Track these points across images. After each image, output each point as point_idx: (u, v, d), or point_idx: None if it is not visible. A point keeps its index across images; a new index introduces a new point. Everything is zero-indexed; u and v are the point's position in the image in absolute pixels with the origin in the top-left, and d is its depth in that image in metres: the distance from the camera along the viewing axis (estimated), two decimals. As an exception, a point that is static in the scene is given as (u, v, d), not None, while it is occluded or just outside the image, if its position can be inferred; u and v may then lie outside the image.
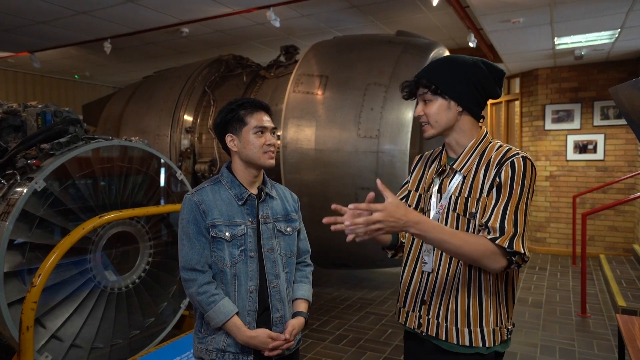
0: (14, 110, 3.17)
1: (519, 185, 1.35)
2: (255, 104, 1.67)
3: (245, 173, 1.67)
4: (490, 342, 1.40)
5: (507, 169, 1.37)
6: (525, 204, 1.35)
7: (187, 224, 1.60)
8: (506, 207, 1.34)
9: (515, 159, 1.37)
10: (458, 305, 1.42)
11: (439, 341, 1.44)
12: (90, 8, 4.76)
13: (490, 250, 1.30)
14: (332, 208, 1.35)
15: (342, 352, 3.58)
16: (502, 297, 1.44)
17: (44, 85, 8.31)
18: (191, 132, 5.30)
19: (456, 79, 1.43)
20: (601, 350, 3.59)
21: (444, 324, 1.43)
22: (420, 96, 1.49)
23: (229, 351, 1.59)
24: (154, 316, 3.23)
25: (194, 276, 1.59)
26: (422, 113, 1.48)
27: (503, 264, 1.32)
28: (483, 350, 1.41)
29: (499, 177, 1.37)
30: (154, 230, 3.29)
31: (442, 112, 1.45)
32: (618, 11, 4.37)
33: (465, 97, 1.44)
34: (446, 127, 1.47)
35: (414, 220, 1.24)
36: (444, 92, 1.44)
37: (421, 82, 1.46)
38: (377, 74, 4.16)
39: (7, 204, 2.60)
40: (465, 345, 1.40)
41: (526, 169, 1.36)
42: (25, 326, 2.18)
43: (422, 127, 1.51)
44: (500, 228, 1.32)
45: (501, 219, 1.33)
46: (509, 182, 1.36)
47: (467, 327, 1.40)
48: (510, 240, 1.31)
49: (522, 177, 1.35)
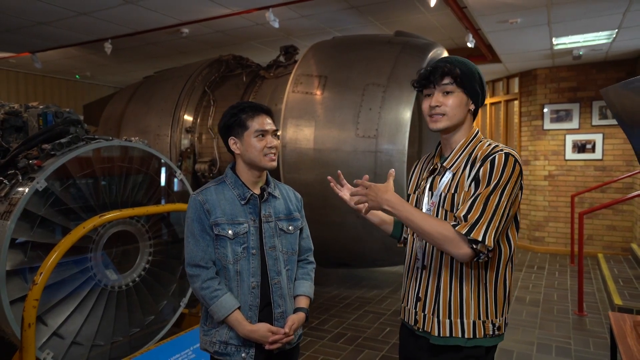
0: (15, 111, 3.21)
1: (496, 178, 1.35)
2: (257, 108, 1.73)
3: (249, 174, 1.73)
4: (469, 334, 1.42)
5: (486, 164, 1.39)
6: (499, 195, 1.34)
7: (192, 222, 1.68)
8: (476, 198, 1.36)
9: (497, 155, 1.39)
10: (440, 296, 1.46)
11: (434, 337, 1.47)
12: (92, 9, 4.79)
13: (452, 236, 1.33)
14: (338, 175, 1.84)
15: (341, 350, 3.61)
16: (488, 291, 1.45)
17: (45, 85, 8.35)
18: (191, 132, 5.34)
19: (473, 78, 1.46)
20: (597, 348, 3.62)
21: (435, 318, 1.46)
22: (441, 86, 1.45)
23: (231, 344, 1.66)
24: (154, 314, 3.27)
25: (198, 272, 1.66)
26: (440, 103, 1.45)
27: (465, 251, 1.33)
28: (462, 342, 1.43)
29: (477, 172, 1.39)
30: (154, 230, 3.33)
31: (462, 107, 1.46)
32: (615, 11, 4.40)
33: (478, 97, 1.48)
34: (459, 122, 1.47)
35: (386, 198, 1.42)
36: (467, 87, 1.45)
37: (452, 71, 1.43)
38: (375, 74, 4.19)
39: (9, 203, 2.63)
40: (446, 337, 1.43)
41: (506, 163, 1.36)
42: (27, 323, 2.22)
43: (432, 118, 1.47)
44: (464, 217, 1.34)
45: (468, 208, 1.35)
46: (487, 176, 1.37)
47: (448, 319, 1.44)
48: (471, 228, 1.32)
49: (501, 170, 1.36)
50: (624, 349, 1.97)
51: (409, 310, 1.56)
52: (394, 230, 1.78)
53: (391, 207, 1.41)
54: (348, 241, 4.29)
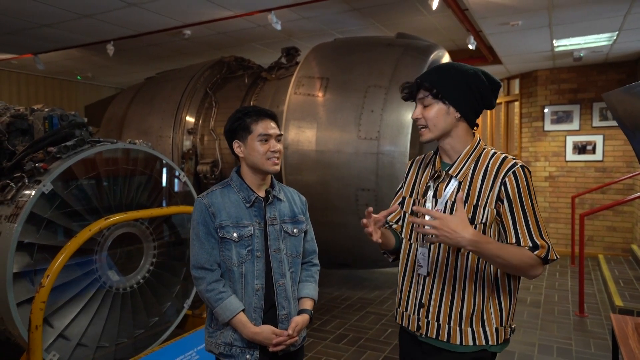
0: (21, 114, 3.23)
1: (528, 196, 1.42)
2: (261, 112, 1.74)
3: (253, 177, 1.75)
4: (493, 341, 1.46)
5: (511, 182, 1.43)
6: (539, 212, 1.45)
7: (197, 225, 1.69)
8: (528, 224, 1.42)
9: (516, 170, 1.43)
10: (454, 304, 1.47)
11: (440, 342, 1.48)
12: (94, 11, 4.81)
13: (534, 263, 1.40)
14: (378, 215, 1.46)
15: (343, 351, 3.63)
16: (505, 296, 1.49)
17: (47, 86, 8.36)
18: (193, 134, 5.35)
19: (457, 86, 1.45)
20: (598, 350, 3.64)
21: (445, 325, 1.47)
22: (419, 99, 1.51)
23: (236, 345, 1.67)
24: (157, 316, 3.29)
25: (203, 274, 1.67)
26: (421, 116, 1.50)
27: (541, 271, 1.45)
28: (487, 348, 1.46)
29: (505, 189, 1.43)
30: (157, 232, 3.35)
31: (441, 117, 1.47)
32: (616, 14, 4.42)
33: (464, 104, 1.47)
34: (444, 132, 1.49)
35: (469, 238, 1.29)
36: (445, 97, 1.46)
37: (423, 85, 1.48)
38: (377, 76, 4.21)
39: (15, 206, 2.65)
40: (469, 345, 1.45)
41: (527, 178, 1.44)
42: (34, 325, 2.25)
43: (419, 130, 1.53)
44: (533, 245, 1.41)
45: (529, 236, 1.42)
46: (517, 196, 1.42)
47: (470, 327, 1.45)
48: (547, 252, 1.41)
49: (527, 188, 1.43)
50: (626, 351, 1.99)
51: (410, 316, 1.56)
52: (393, 249, 1.65)
53: (475, 247, 1.31)
54: (349, 242, 4.31)
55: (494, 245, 1.36)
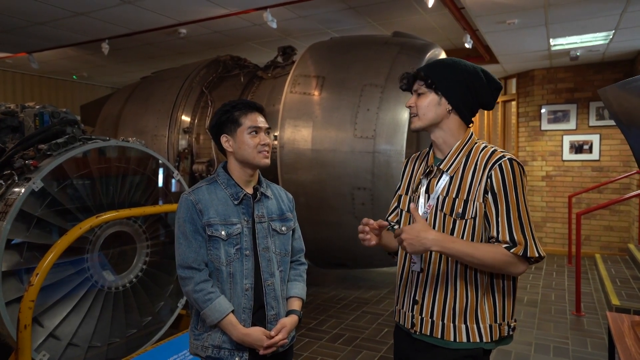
0: (11, 111, 3.19)
1: (513, 190, 1.39)
2: (249, 105, 1.71)
3: (241, 173, 1.70)
4: (487, 338, 1.43)
5: (496, 175, 1.40)
6: (524, 206, 1.41)
7: (184, 222, 1.63)
8: (509, 218, 1.39)
9: (502, 162, 1.41)
10: (447, 300, 1.45)
11: (434, 339, 1.46)
12: (88, 9, 4.78)
13: (512, 260, 1.38)
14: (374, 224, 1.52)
15: (339, 350, 3.61)
16: (500, 293, 1.47)
17: (42, 85, 8.32)
18: (189, 133, 5.33)
19: (452, 79, 1.47)
20: (594, 349, 3.62)
21: (439, 321, 1.45)
22: (415, 89, 1.54)
23: (224, 348, 1.62)
24: (151, 315, 3.26)
25: (191, 274, 1.61)
26: (413, 104, 1.52)
27: (524, 268, 1.41)
28: (482, 345, 1.44)
29: (490, 182, 1.41)
30: (151, 230, 3.31)
31: (432, 107, 1.49)
32: (612, 13, 4.41)
33: (456, 96, 1.47)
34: (433, 122, 1.51)
35: (431, 238, 1.34)
36: (438, 88, 1.48)
37: (419, 75, 1.51)
38: (373, 74, 4.19)
39: (5, 204, 2.62)
40: (463, 342, 1.43)
41: (514, 171, 1.40)
42: (23, 325, 2.21)
43: (410, 119, 1.56)
44: (511, 240, 1.38)
45: (509, 231, 1.39)
46: (502, 189, 1.40)
47: (464, 324, 1.43)
48: (525, 249, 1.37)
49: (513, 182, 1.39)
50: (622, 349, 1.97)
51: (405, 313, 1.55)
52: (397, 250, 1.66)
53: (440, 246, 1.35)
54: (345, 241, 4.29)
55: (460, 244, 1.36)
